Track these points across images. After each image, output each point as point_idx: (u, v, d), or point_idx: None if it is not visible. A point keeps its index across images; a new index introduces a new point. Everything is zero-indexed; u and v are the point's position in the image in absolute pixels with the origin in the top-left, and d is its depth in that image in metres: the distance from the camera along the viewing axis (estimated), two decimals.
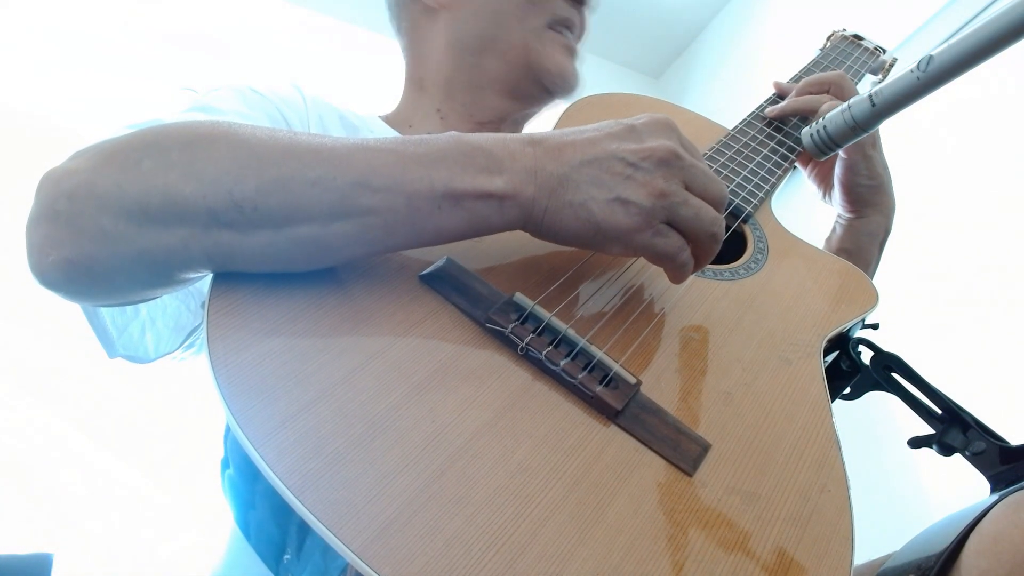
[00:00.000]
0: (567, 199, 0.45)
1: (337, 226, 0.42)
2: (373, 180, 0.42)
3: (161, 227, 0.41)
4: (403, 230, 0.43)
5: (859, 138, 0.61)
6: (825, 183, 0.82)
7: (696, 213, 0.46)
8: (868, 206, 0.79)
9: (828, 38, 0.96)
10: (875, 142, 0.78)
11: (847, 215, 0.80)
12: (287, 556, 0.41)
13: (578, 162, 0.45)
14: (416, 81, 0.83)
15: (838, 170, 0.78)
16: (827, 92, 0.78)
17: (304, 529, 0.39)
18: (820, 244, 0.83)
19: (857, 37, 0.94)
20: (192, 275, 0.44)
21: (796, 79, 0.85)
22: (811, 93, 0.78)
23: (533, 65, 0.77)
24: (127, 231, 0.40)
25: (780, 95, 0.83)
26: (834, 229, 0.82)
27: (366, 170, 0.42)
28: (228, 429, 0.44)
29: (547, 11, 0.77)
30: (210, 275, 0.43)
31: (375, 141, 0.45)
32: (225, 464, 0.50)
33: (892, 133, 0.87)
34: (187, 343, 0.60)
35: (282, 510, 0.40)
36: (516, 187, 0.44)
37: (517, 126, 0.85)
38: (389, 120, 0.81)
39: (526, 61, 0.77)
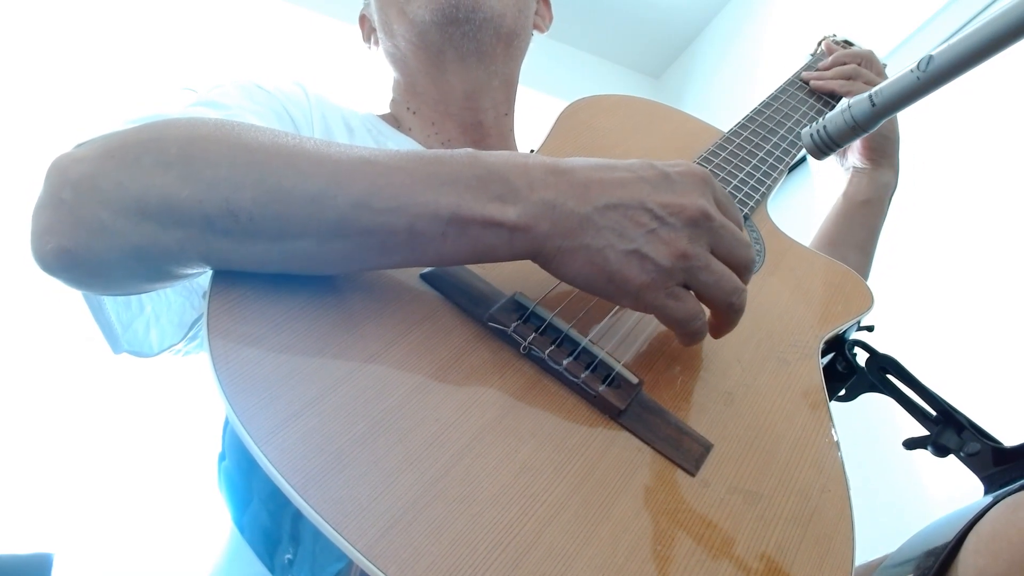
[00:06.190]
0: (584, 242, 0.42)
1: (333, 244, 0.41)
2: (375, 201, 0.40)
3: (158, 226, 0.40)
4: (402, 252, 0.42)
5: (859, 138, 0.61)
6: None
7: (716, 281, 0.44)
8: (884, 157, 0.87)
9: (819, 43, 0.96)
10: None
11: (864, 166, 0.87)
12: (287, 556, 0.41)
13: (603, 204, 0.42)
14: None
15: None
16: (859, 64, 0.84)
17: (299, 525, 0.39)
18: (810, 241, 0.85)
19: (847, 43, 0.94)
20: (189, 272, 0.44)
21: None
22: (844, 64, 0.85)
23: (416, 22, 0.73)
24: (125, 227, 0.40)
25: None
26: (851, 182, 0.88)
27: (369, 188, 0.41)
28: (227, 422, 0.44)
29: None
30: (210, 271, 0.43)
31: (385, 155, 0.43)
32: (222, 457, 0.50)
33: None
34: (190, 335, 0.60)
35: (278, 506, 0.39)
36: (530, 220, 0.42)
37: (501, 117, 0.80)
38: (387, 119, 0.81)
39: (410, 23, 0.74)
